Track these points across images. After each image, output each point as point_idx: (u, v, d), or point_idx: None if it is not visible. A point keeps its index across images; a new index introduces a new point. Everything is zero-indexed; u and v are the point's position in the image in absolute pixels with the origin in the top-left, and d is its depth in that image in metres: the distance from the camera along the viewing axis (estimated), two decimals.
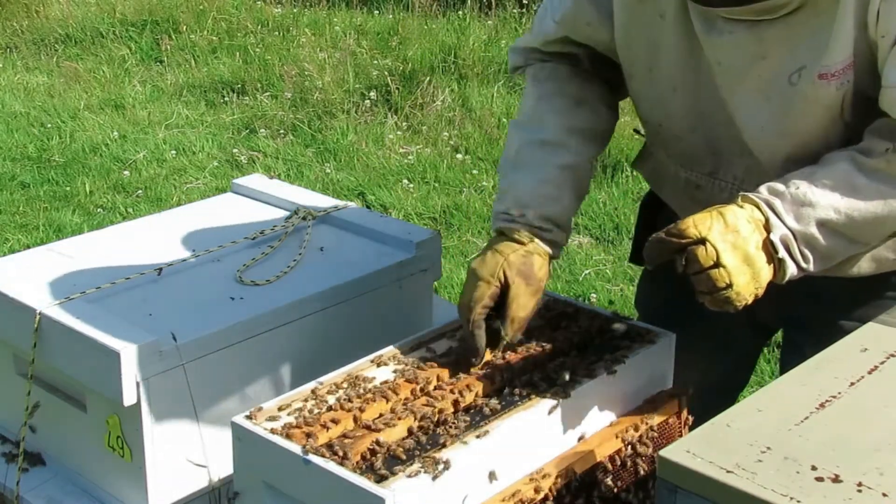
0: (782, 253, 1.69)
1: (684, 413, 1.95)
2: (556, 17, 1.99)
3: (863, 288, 1.95)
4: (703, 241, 1.64)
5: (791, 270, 1.70)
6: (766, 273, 1.69)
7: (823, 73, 1.72)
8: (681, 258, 1.66)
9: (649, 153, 2.13)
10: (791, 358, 1.98)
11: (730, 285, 1.65)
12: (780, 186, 1.72)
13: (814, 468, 1.38)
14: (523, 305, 1.86)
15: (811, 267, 1.72)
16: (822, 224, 1.70)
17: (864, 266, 1.91)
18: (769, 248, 1.69)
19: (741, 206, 1.70)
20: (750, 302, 1.69)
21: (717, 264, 1.64)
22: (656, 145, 2.07)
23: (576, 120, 2.00)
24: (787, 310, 2.04)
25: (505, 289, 1.85)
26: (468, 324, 1.85)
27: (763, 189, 1.73)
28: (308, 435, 1.64)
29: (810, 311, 2.00)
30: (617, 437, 1.82)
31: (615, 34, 1.93)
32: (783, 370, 2.09)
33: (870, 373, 1.63)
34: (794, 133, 1.79)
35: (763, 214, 1.69)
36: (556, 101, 2.02)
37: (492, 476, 1.66)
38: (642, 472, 1.86)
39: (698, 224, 1.65)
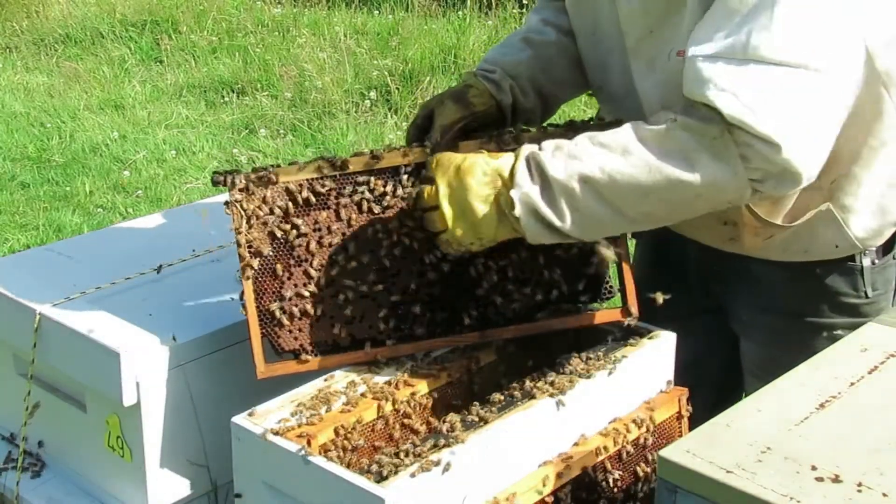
0: (518, 211, 1.68)
1: (684, 413, 1.95)
2: None
3: (798, 276, 1.94)
4: (432, 180, 1.71)
5: (532, 229, 1.70)
6: (490, 226, 1.71)
7: (680, 51, 1.74)
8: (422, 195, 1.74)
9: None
10: (745, 354, 2.08)
11: (444, 230, 1.71)
12: (564, 141, 1.72)
13: (814, 468, 1.38)
14: (445, 115, 1.92)
15: (567, 226, 1.69)
16: (585, 181, 1.67)
17: (785, 251, 1.91)
18: (503, 201, 1.71)
19: (498, 156, 1.73)
20: (475, 249, 1.74)
21: (437, 207, 1.70)
22: (604, 111, 2.11)
23: (559, 20, 2.09)
24: (718, 286, 2.06)
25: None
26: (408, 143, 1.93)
27: (549, 142, 1.73)
28: (308, 435, 1.64)
29: (745, 295, 2.01)
30: (617, 437, 1.82)
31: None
32: (745, 373, 2.13)
33: (870, 373, 1.63)
34: (671, 105, 1.77)
35: (512, 170, 1.70)
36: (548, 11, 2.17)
37: (491, 476, 1.66)
38: (642, 473, 1.86)
39: (441, 162, 1.72)
